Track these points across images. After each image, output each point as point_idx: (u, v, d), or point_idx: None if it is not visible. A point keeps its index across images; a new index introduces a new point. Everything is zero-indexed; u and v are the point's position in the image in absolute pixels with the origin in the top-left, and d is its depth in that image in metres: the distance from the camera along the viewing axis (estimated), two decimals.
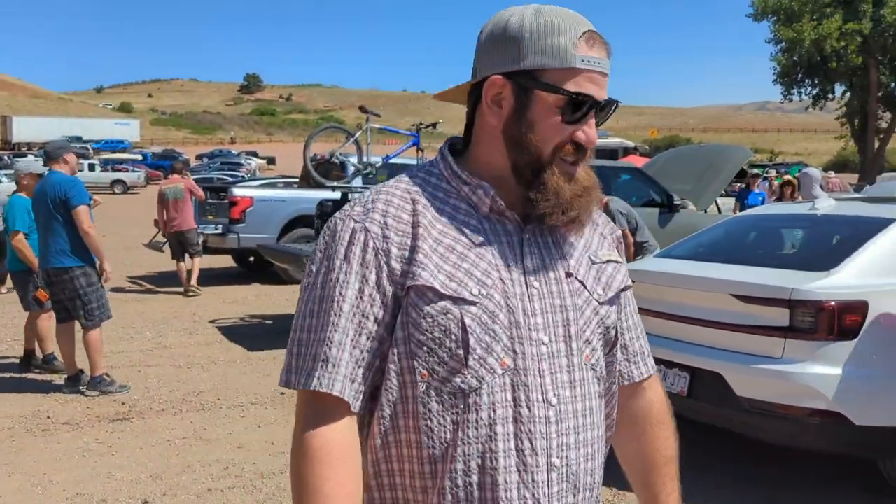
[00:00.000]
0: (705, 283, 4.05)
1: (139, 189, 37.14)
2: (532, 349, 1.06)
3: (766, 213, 5.46)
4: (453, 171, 1.13)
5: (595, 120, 1.10)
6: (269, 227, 10.70)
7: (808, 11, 35.00)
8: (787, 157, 62.90)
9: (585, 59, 1.05)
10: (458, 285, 1.04)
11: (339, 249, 1.07)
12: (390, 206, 1.08)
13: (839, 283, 3.65)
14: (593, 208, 1.14)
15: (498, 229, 1.10)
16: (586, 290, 1.14)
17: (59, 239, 5.31)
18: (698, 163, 9.55)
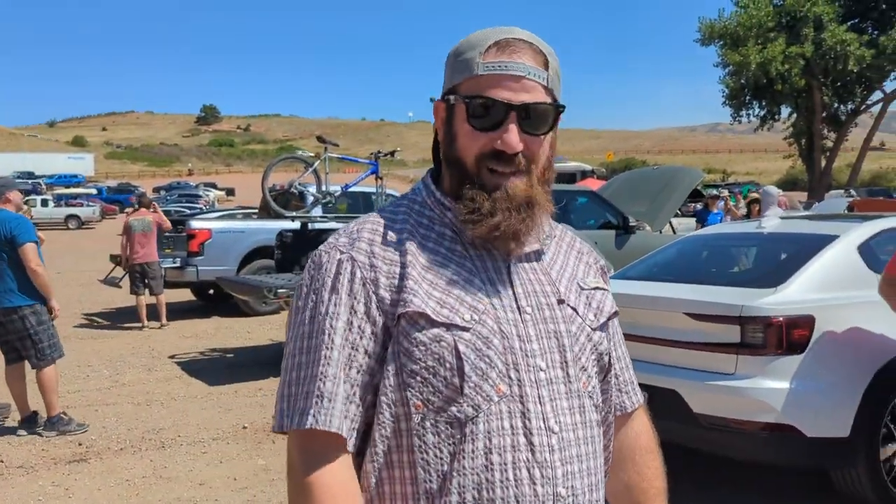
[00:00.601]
0: (660, 303, 4.14)
1: (94, 224, 36.42)
2: (530, 375, 1.03)
3: (717, 233, 5.62)
4: (436, 198, 1.12)
5: (527, 125, 1.05)
6: (229, 259, 10.61)
7: (753, 36, 36.17)
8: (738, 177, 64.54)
9: (489, 65, 1.04)
10: (449, 311, 1.02)
11: (326, 281, 1.05)
12: (376, 234, 1.08)
13: (786, 298, 3.77)
14: (534, 225, 1.08)
15: (484, 255, 1.09)
16: (579, 317, 1.12)
17: (7, 278, 5.19)
18: (652, 185, 9.77)
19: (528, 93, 1.05)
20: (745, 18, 36.27)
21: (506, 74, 1.04)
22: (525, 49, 1.06)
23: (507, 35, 1.06)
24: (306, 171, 8.33)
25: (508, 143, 1.04)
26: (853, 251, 4.13)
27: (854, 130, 41.50)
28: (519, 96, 1.04)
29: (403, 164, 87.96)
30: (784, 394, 3.57)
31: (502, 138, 1.04)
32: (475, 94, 1.05)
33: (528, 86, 1.05)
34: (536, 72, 1.06)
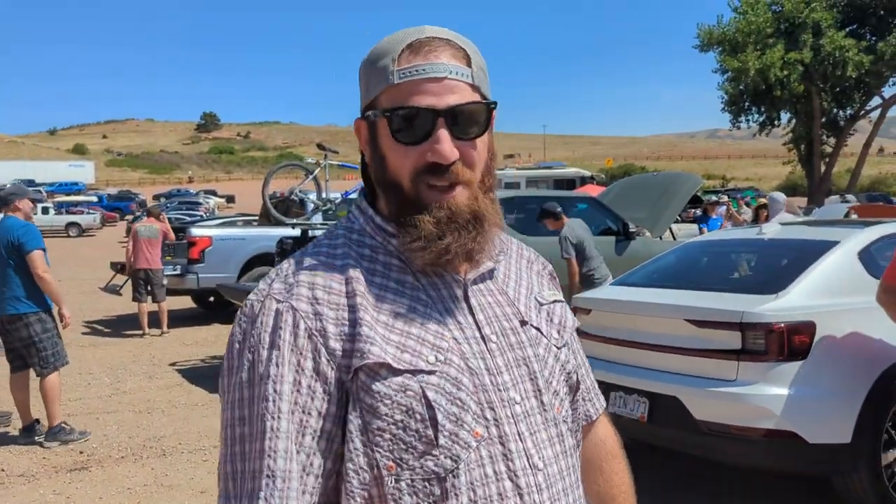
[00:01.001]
0: (660, 309, 4.15)
1: (94, 231, 36.44)
2: (506, 411, 0.94)
3: (717, 239, 5.62)
4: (376, 225, 1.01)
5: (458, 129, 0.95)
6: (229, 266, 10.61)
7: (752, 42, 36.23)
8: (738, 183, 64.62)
9: (405, 71, 0.94)
10: (411, 355, 0.91)
11: (264, 337, 0.91)
12: (316, 276, 0.95)
13: (787, 305, 3.78)
14: (486, 241, 0.98)
15: (437, 283, 0.98)
16: (544, 337, 1.05)
17: (13, 285, 5.20)
18: (652, 190, 9.78)
19: (453, 94, 0.95)
20: (744, 25, 36.32)
21: (425, 78, 0.94)
22: (442, 47, 0.96)
23: (419, 35, 0.96)
24: (306, 179, 8.34)
25: (441, 154, 0.94)
26: (854, 257, 4.14)
27: (853, 136, 41.52)
28: (444, 100, 0.94)
29: None
30: (785, 400, 3.57)
31: (433, 149, 0.94)
32: (396, 106, 0.94)
33: (451, 86, 0.95)
34: (458, 70, 0.96)
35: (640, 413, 4.04)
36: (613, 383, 4.24)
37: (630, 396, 4.12)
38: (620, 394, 4.18)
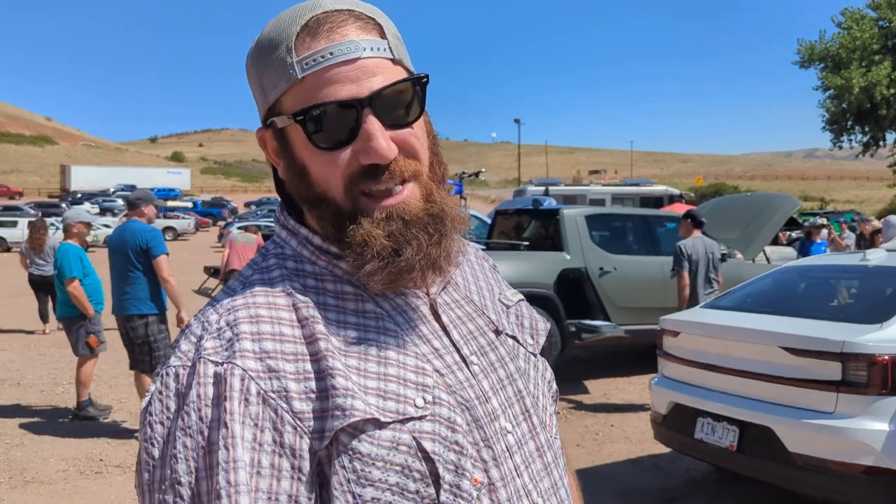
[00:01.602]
0: (754, 335, 4.00)
1: (189, 236, 38.06)
2: (500, 445, 0.81)
3: (815, 264, 5.38)
4: (316, 247, 0.83)
5: (390, 117, 0.78)
6: None
7: (857, 59, 34.64)
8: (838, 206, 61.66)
9: (307, 60, 0.76)
10: (396, 402, 0.75)
11: (204, 413, 0.70)
12: (261, 323, 0.75)
13: (892, 335, 3.57)
14: (451, 242, 0.82)
15: (401, 305, 0.83)
16: (521, 346, 0.93)
17: (138, 287, 5.46)
18: (745, 211, 9.45)
19: (374, 76, 0.77)
20: (848, 40, 34.76)
21: (335, 63, 0.76)
22: (346, 21, 0.78)
23: (313, 11, 0.78)
24: None
25: (378, 151, 0.76)
26: None
27: None
28: (364, 85, 0.77)
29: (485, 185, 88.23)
30: (887, 436, 3.37)
31: (366, 148, 0.77)
32: (307, 107, 0.76)
33: (370, 67, 0.77)
34: (373, 44, 0.78)
35: (730, 442, 3.89)
36: (701, 409, 4.11)
37: (718, 424, 3.98)
38: (708, 420, 4.04)
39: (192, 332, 0.77)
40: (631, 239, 8.22)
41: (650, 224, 8.25)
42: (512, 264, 7.27)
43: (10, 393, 6.88)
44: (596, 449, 5.38)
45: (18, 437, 5.52)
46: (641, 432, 5.69)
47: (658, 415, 4.50)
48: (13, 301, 13.71)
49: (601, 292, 7.46)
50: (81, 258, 5.96)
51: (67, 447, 5.32)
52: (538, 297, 7.21)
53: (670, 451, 4.95)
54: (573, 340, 7.33)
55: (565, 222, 7.57)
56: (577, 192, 20.83)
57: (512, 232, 8.81)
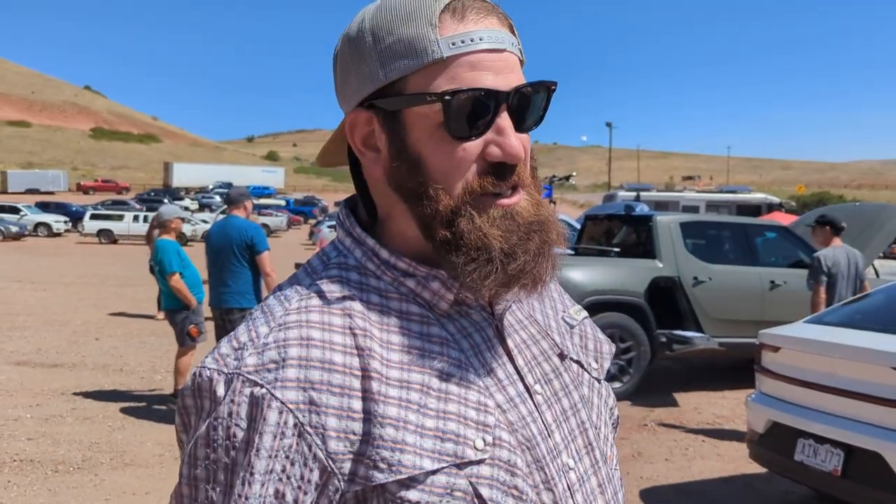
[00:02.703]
0: (864, 354, 3.75)
1: (281, 233, 39.29)
2: (562, 485, 0.75)
3: None
4: (384, 260, 0.77)
5: (519, 118, 0.74)
6: None
7: None
8: None
9: (454, 41, 0.70)
10: (454, 444, 0.69)
11: (233, 432, 0.67)
12: (312, 348, 0.69)
13: None
14: (555, 257, 0.77)
15: (466, 327, 0.77)
16: (586, 372, 0.87)
17: (241, 280, 5.66)
18: (852, 222, 8.92)
19: (513, 73, 0.73)
20: None
21: (482, 50, 0.71)
22: (490, 9, 0.74)
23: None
24: None
25: (510, 151, 0.71)
26: None
27: None
28: (507, 80, 0.72)
29: (574, 189, 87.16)
30: None
31: (499, 143, 0.71)
32: (455, 89, 0.70)
33: (512, 63, 0.73)
34: (511, 40, 0.74)
35: (833, 466, 3.66)
36: (802, 429, 3.89)
37: (822, 446, 3.76)
38: (810, 442, 3.82)
39: (237, 338, 0.72)
40: (727, 248, 7.90)
41: (748, 233, 7.91)
42: (602, 271, 7.11)
43: (113, 378, 7.26)
44: (686, 465, 5.18)
45: (120, 421, 5.80)
46: (735, 450, 5.45)
47: (754, 433, 4.29)
48: (119, 291, 14.49)
49: (694, 302, 7.20)
50: (179, 253, 6.20)
51: (164, 432, 5.55)
52: (628, 305, 7.03)
53: (766, 472, 4.72)
54: (663, 351, 7.10)
55: (658, 229, 7.35)
56: (669, 198, 20.26)
57: (602, 237, 8.63)
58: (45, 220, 34.91)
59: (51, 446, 5.15)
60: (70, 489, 4.42)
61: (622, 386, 6.92)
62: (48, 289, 14.42)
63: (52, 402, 6.27)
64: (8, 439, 5.25)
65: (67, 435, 5.40)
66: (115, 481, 4.56)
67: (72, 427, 5.60)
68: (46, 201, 43.93)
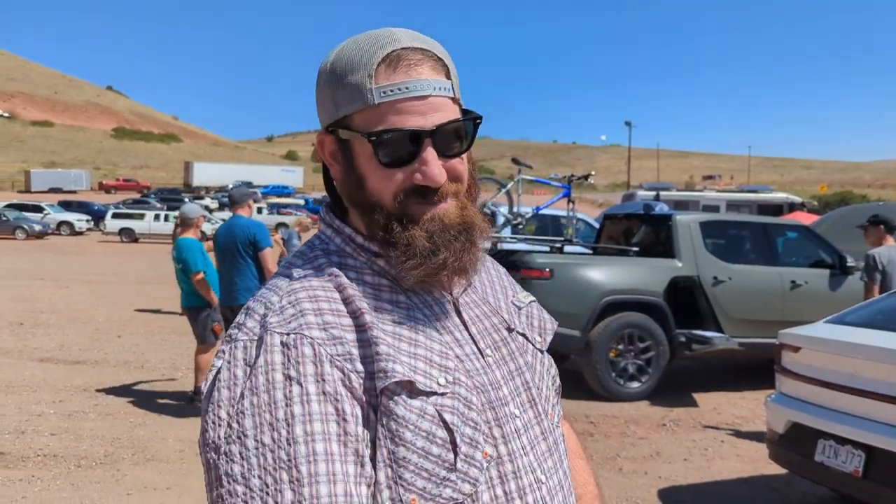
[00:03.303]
0: (887, 355, 3.70)
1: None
2: (509, 427, 0.92)
3: None
4: (358, 245, 0.95)
5: (444, 148, 0.91)
6: None
7: None
8: None
9: (386, 90, 0.88)
10: (424, 378, 0.86)
11: (271, 376, 0.80)
12: (319, 301, 0.87)
13: None
14: (477, 251, 0.95)
15: (428, 300, 0.95)
16: (530, 343, 1.05)
17: (247, 278, 5.73)
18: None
19: (438, 112, 0.90)
20: None
21: (409, 97, 0.88)
22: (421, 60, 0.90)
23: (393, 45, 0.89)
24: (499, 192, 8.45)
25: (432, 178, 0.89)
26: None
27: None
28: (430, 119, 0.89)
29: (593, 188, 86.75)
30: None
31: (422, 172, 0.89)
32: (381, 130, 0.88)
33: (436, 104, 0.90)
34: (441, 84, 0.90)
35: (854, 467, 3.63)
36: (822, 430, 3.85)
37: (842, 447, 3.72)
38: (831, 443, 3.78)
39: (254, 311, 0.88)
40: (748, 247, 7.83)
41: (769, 233, 7.84)
42: (620, 270, 7.09)
43: (135, 374, 7.35)
44: (705, 465, 5.15)
45: (141, 417, 5.87)
46: (754, 451, 5.41)
47: (774, 434, 4.26)
48: (140, 289, 14.66)
49: (714, 302, 7.16)
50: (202, 252, 6.26)
51: (184, 428, 5.61)
52: (647, 304, 7.00)
53: (786, 473, 4.68)
54: (682, 351, 7.06)
55: (678, 228, 7.31)
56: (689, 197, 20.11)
57: (621, 237, 8.58)
58: (67, 219, 35.36)
59: (73, 442, 5.22)
60: (92, 484, 4.49)
61: (641, 385, 6.89)
62: (71, 287, 14.62)
63: (75, 399, 6.36)
64: (32, 434, 5.34)
65: (90, 430, 5.48)
66: (137, 476, 4.62)
67: (94, 423, 5.68)
68: (69, 200, 44.49)
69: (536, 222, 11.13)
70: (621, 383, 6.86)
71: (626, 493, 4.57)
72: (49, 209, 35.99)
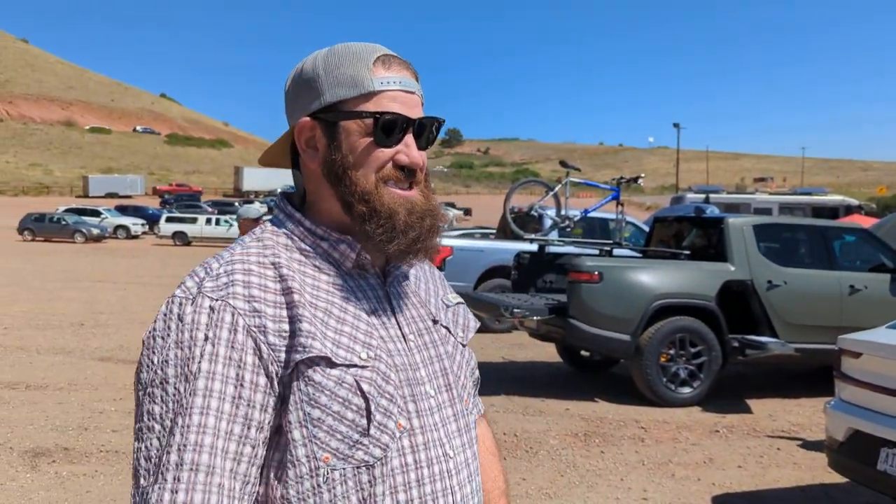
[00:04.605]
0: None
1: None
2: (423, 404, 1.02)
3: None
4: (307, 228, 1.06)
5: (418, 143, 1.06)
6: (467, 275, 11.03)
7: None
8: None
9: (383, 81, 1.03)
10: (346, 351, 0.97)
11: (196, 335, 0.92)
12: (251, 274, 0.97)
13: None
14: (437, 236, 1.07)
15: (362, 285, 1.06)
16: (452, 336, 1.15)
17: None
18: None
19: (417, 108, 1.06)
20: None
21: (402, 90, 1.04)
22: (403, 65, 1.06)
23: (384, 51, 1.05)
24: (547, 195, 8.43)
25: (414, 158, 1.04)
26: None
27: None
28: (414, 111, 1.05)
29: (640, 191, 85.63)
30: None
31: (408, 153, 1.04)
32: (383, 111, 1.02)
33: (417, 101, 1.06)
34: (418, 87, 1.07)
35: None
36: (886, 437, 3.75)
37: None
38: (895, 451, 3.68)
39: (196, 274, 0.98)
40: (803, 251, 7.65)
41: (826, 236, 7.64)
42: (671, 274, 7.00)
43: None
44: (760, 472, 5.05)
45: None
46: (812, 459, 5.28)
47: (834, 441, 4.15)
48: None
49: (769, 307, 7.01)
50: None
51: None
52: (698, 308, 6.89)
53: (846, 482, 4.56)
54: (736, 356, 6.93)
55: (730, 231, 7.18)
56: (740, 200, 19.71)
57: (671, 240, 8.47)
58: (123, 223, 36.45)
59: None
60: None
61: (692, 391, 6.78)
62: (128, 288, 15.06)
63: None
64: (94, 431, 5.52)
65: None
66: None
67: None
68: (125, 205, 45.81)
69: (584, 225, 11.07)
70: (672, 388, 6.76)
71: (680, 498, 4.52)
72: (106, 213, 37.11)
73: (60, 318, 10.99)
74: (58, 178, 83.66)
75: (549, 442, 5.61)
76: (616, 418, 6.32)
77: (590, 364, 8.44)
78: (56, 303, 12.65)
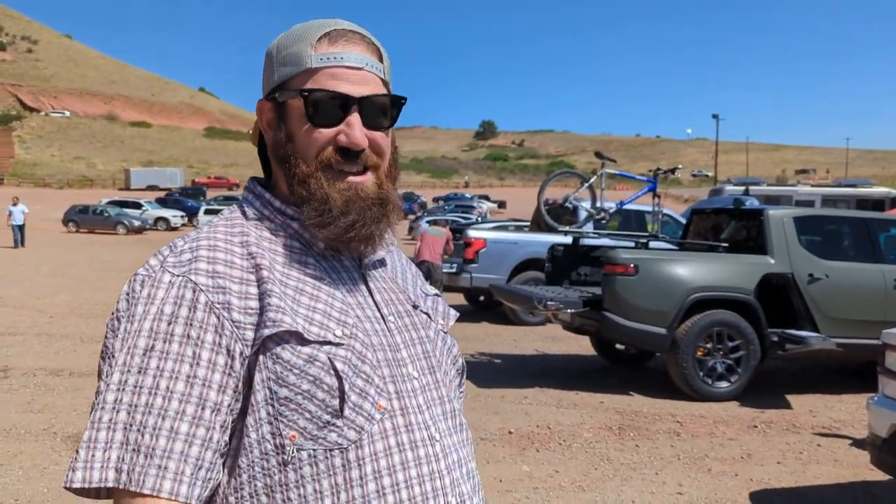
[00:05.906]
0: None
1: None
2: (406, 385, 0.98)
3: None
4: (276, 208, 1.03)
5: (369, 118, 0.99)
6: (501, 268, 11.02)
7: None
8: None
9: (324, 56, 0.98)
10: (319, 328, 0.93)
11: (152, 311, 0.89)
12: (216, 251, 0.94)
13: None
14: (388, 225, 1.03)
15: (336, 266, 1.02)
16: (432, 322, 1.11)
17: None
18: None
19: (367, 85, 0.99)
20: None
21: (344, 65, 0.98)
22: (358, 40, 1.00)
23: (335, 26, 1.00)
24: (581, 187, 8.36)
25: (354, 139, 0.98)
26: None
27: None
28: (360, 89, 0.98)
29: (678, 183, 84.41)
30: None
31: (346, 134, 0.98)
32: (313, 88, 0.97)
33: (367, 77, 1.00)
34: (373, 63, 1.01)
35: None
36: None
37: None
38: None
39: (161, 252, 0.96)
40: (846, 244, 7.47)
41: (870, 228, 7.44)
42: (709, 267, 6.89)
43: None
44: (800, 469, 4.96)
45: None
46: (854, 456, 5.17)
47: (877, 438, 4.05)
48: None
49: (810, 301, 6.86)
50: None
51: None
52: (737, 302, 6.78)
53: (889, 479, 4.46)
54: (775, 351, 6.80)
55: (770, 224, 7.04)
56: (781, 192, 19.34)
57: (709, 233, 8.34)
58: (164, 215, 37.12)
59: None
60: None
61: (730, 386, 6.68)
62: None
63: None
64: None
65: None
66: None
67: None
68: (164, 197, 46.62)
69: (620, 217, 10.96)
70: (709, 383, 6.67)
71: (717, 494, 4.45)
72: (147, 206, 37.81)
73: (103, 307, 11.24)
74: (100, 171, 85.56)
75: (583, 435, 5.57)
76: (651, 412, 6.26)
77: (624, 358, 8.37)
78: (99, 293, 12.94)
